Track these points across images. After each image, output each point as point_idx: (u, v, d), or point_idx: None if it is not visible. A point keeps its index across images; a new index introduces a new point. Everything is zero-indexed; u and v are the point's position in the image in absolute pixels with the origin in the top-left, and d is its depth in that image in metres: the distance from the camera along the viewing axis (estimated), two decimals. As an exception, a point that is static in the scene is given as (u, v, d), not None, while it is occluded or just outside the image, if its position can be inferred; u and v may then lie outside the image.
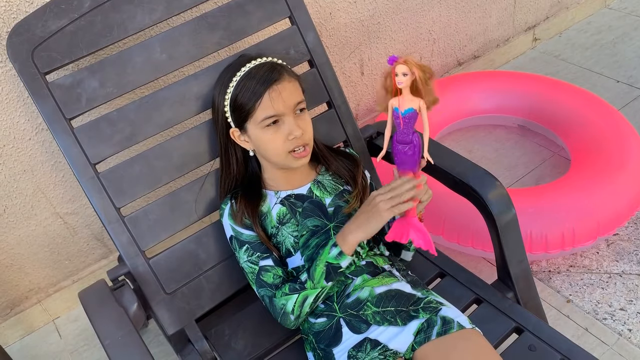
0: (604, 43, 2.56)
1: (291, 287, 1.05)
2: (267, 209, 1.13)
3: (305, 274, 1.04)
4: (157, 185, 1.18)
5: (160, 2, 1.18)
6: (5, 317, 1.65)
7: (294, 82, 1.08)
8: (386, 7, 1.95)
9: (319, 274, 1.03)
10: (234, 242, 1.12)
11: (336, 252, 1.02)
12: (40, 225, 1.56)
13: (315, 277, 1.03)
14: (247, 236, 1.11)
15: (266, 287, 1.08)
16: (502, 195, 1.18)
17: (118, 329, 0.99)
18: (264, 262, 1.09)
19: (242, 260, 1.11)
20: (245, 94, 1.05)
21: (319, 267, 1.03)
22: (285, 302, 1.05)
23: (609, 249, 1.67)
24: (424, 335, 1.01)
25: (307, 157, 1.11)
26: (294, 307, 1.04)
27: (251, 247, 1.10)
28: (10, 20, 1.25)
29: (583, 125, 1.84)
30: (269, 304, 1.08)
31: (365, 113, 2.15)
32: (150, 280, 1.16)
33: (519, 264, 1.22)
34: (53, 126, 1.10)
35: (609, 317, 1.49)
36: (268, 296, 1.08)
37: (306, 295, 1.04)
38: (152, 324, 1.63)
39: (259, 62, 1.08)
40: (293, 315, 1.05)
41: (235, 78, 1.08)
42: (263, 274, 1.08)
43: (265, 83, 1.04)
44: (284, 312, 1.05)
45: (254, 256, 1.10)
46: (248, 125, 1.08)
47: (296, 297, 1.04)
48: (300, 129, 1.06)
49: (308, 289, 1.04)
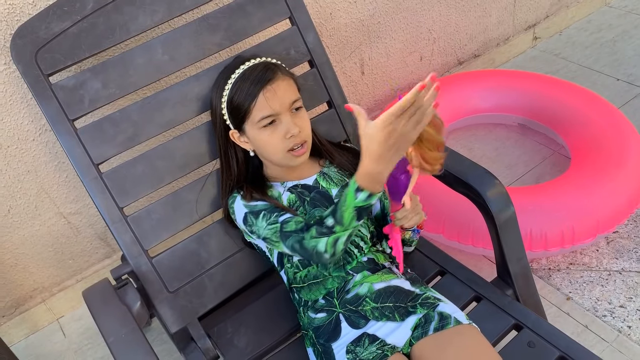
0: (604, 41, 2.56)
1: (318, 230, 0.98)
2: (278, 194, 1.13)
3: (331, 218, 0.96)
4: (160, 185, 1.19)
5: (161, 4, 1.19)
6: (10, 316, 1.66)
7: (288, 81, 1.09)
8: (386, 6, 1.96)
9: (349, 218, 0.94)
10: (250, 218, 1.09)
11: (364, 195, 0.91)
12: (44, 225, 1.58)
13: (345, 221, 0.95)
14: (262, 205, 1.09)
15: (292, 234, 1.02)
16: (501, 193, 1.19)
17: (122, 327, 1.00)
18: (283, 217, 1.05)
19: (262, 229, 1.07)
20: (241, 95, 1.06)
21: (347, 212, 0.93)
22: (315, 243, 0.98)
23: (608, 246, 1.68)
24: (422, 331, 1.02)
25: (306, 154, 1.12)
26: (326, 247, 0.97)
27: (267, 212, 1.07)
28: (13, 23, 1.26)
29: (583, 124, 1.85)
30: (299, 250, 1.01)
31: (366, 112, 2.14)
32: (153, 279, 1.17)
33: (518, 261, 1.23)
34: (56, 127, 1.12)
35: (609, 314, 1.50)
36: (297, 241, 1.01)
37: (337, 237, 0.97)
38: (155, 322, 1.65)
39: (252, 63, 1.09)
40: (327, 254, 0.98)
41: (231, 80, 1.09)
42: (285, 226, 1.04)
43: (260, 83, 1.05)
44: (316, 252, 0.99)
45: (273, 217, 1.06)
46: (246, 127, 1.09)
47: (326, 239, 0.97)
48: (297, 127, 1.07)
49: (338, 232, 0.96)
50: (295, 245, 1.02)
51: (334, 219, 0.96)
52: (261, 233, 1.08)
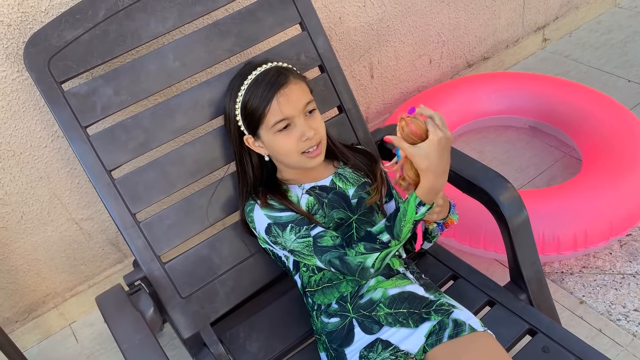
0: (614, 42, 2.55)
1: (368, 247, 1.01)
2: (297, 199, 1.13)
3: (386, 234, 1.00)
4: (172, 191, 1.19)
5: (172, 11, 1.20)
6: (23, 321, 1.67)
7: (300, 84, 1.09)
8: (395, 10, 1.96)
9: (407, 232, 1.00)
10: (274, 229, 1.09)
11: (425, 209, 0.98)
12: (56, 230, 1.59)
13: (402, 236, 1.00)
14: (288, 217, 1.09)
15: (330, 250, 1.04)
16: (514, 197, 1.18)
17: (136, 333, 1.01)
18: (315, 231, 1.06)
19: (289, 242, 1.07)
20: (255, 100, 1.07)
21: (406, 226, 0.99)
22: (363, 259, 1.01)
23: (622, 249, 1.66)
24: (436, 338, 1.02)
25: (322, 155, 1.12)
26: (375, 263, 1.01)
27: (296, 225, 1.07)
28: (26, 31, 1.27)
29: (594, 126, 1.84)
30: (340, 265, 1.03)
31: (375, 116, 2.16)
32: (165, 285, 1.17)
33: (532, 265, 1.23)
34: (69, 134, 1.12)
35: (623, 318, 1.48)
36: (337, 257, 1.03)
37: (389, 251, 1.02)
38: (167, 328, 1.65)
39: (264, 69, 1.09)
40: (373, 269, 1.02)
41: (243, 87, 1.09)
42: (320, 240, 1.05)
43: (273, 88, 1.05)
44: (362, 268, 1.01)
45: (302, 230, 1.06)
46: (260, 132, 1.09)
47: (377, 254, 1.01)
48: (312, 129, 1.08)
49: (392, 247, 1.01)
50: (334, 260, 1.04)
51: (390, 234, 1.01)
52: (288, 245, 1.08)
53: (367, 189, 1.17)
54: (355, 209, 1.14)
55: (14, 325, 1.66)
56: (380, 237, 1.01)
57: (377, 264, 1.02)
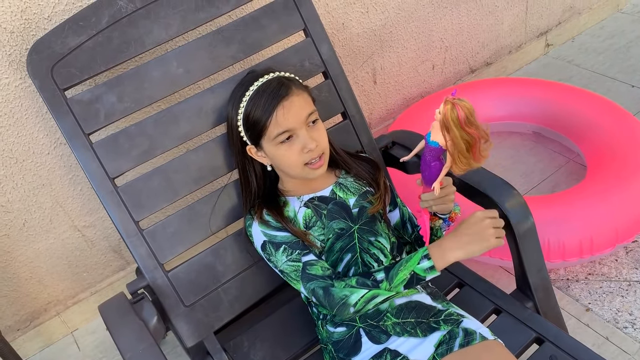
0: (617, 47, 2.54)
1: (360, 281, 1.01)
2: (293, 213, 1.12)
3: (382, 273, 1.01)
4: (175, 198, 1.19)
5: (176, 17, 1.19)
6: (24, 329, 1.66)
7: (303, 95, 1.08)
8: (398, 16, 1.95)
9: (400, 279, 0.99)
10: (269, 247, 1.09)
11: (428, 265, 0.98)
12: (58, 238, 1.58)
13: (395, 281, 0.99)
14: (282, 237, 1.09)
15: (317, 279, 1.04)
16: (520, 204, 1.18)
17: (139, 343, 1.00)
18: (307, 257, 1.06)
19: (280, 262, 1.08)
20: (257, 112, 1.05)
21: (403, 272, 0.99)
22: (349, 293, 1.00)
23: (627, 256, 1.65)
24: (446, 347, 1.00)
25: (324, 166, 1.11)
26: (359, 301, 1.00)
27: (289, 247, 1.07)
28: (29, 38, 1.27)
29: (598, 131, 1.83)
30: (323, 295, 1.03)
31: (378, 122, 2.15)
32: (169, 293, 1.16)
33: (538, 273, 1.22)
34: (72, 141, 1.12)
35: (630, 326, 1.47)
36: (321, 287, 1.03)
37: (377, 294, 1.00)
38: (170, 336, 1.64)
39: (266, 79, 1.08)
40: (354, 308, 1.00)
41: (245, 97, 1.08)
42: (309, 268, 1.05)
43: (274, 100, 1.04)
44: (344, 303, 1.00)
45: (294, 254, 1.07)
46: (263, 142, 1.08)
47: (365, 292, 1.00)
48: (314, 141, 1.06)
49: (382, 289, 1.00)
50: (317, 290, 1.03)
51: (386, 274, 1.01)
52: (279, 265, 1.09)
53: (368, 198, 1.16)
54: (357, 218, 1.13)
55: (16, 334, 1.65)
56: (375, 275, 1.02)
57: (360, 303, 1.00)
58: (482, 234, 0.97)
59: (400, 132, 1.43)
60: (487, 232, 0.97)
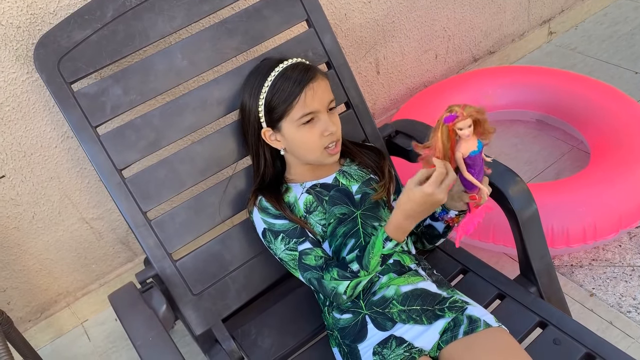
0: (621, 34, 2.53)
1: (340, 273, 1.04)
2: (294, 199, 1.15)
3: (356, 264, 1.04)
4: (182, 189, 1.20)
5: (180, 10, 1.20)
6: (36, 321, 1.69)
7: (325, 81, 1.12)
8: (400, 5, 1.95)
9: (374, 264, 1.03)
10: (268, 235, 1.13)
11: (392, 244, 1.01)
12: (67, 230, 1.60)
13: (370, 267, 1.02)
14: (280, 225, 1.11)
15: (311, 269, 1.08)
16: (523, 190, 1.18)
17: (149, 330, 1.02)
18: (302, 246, 1.09)
19: (279, 250, 1.12)
20: (282, 94, 1.08)
21: (373, 259, 1.02)
22: (335, 285, 1.04)
23: (631, 241, 1.66)
24: (451, 334, 1.02)
25: (339, 152, 1.14)
26: (347, 290, 1.04)
27: (286, 235, 1.10)
28: (35, 32, 1.28)
29: (602, 118, 1.83)
30: (317, 286, 1.08)
31: (382, 112, 2.16)
32: (177, 282, 1.18)
33: (541, 258, 1.23)
34: (80, 134, 1.13)
35: (634, 310, 1.48)
36: (315, 278, 1.07)
37: (359, 281, 1.04)
38: (178, 325, 1.66)
39: (291, 63, 1.11)
40: (346, 295, 1.05)
41: (268, 81, 1.10)
42: (304, 258, 1.09)
43: (303, 82, 1.07)
44: (335, 294, 1.05)
45: (291, 243, 1.10)
46: (283, 124, 1.10)
47: (348, 282, 1.04)
48: (334, 125, 1.10)
49: (362, 276, 1.04)
50: (313, 280, 1.08)
51: (359, 265, 1.03)
52: (278, 254, 1.12)
53: (372, 185, 1.17)
54: (359, 203, 1.15)
55: (27, 325, 1.68)
56: (351, 266, 1.04)
57: (349, 291, 1.05)
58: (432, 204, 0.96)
59: (404, 121, 1.44)
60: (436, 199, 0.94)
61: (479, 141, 0.95)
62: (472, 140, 0.95)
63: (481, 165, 0.98)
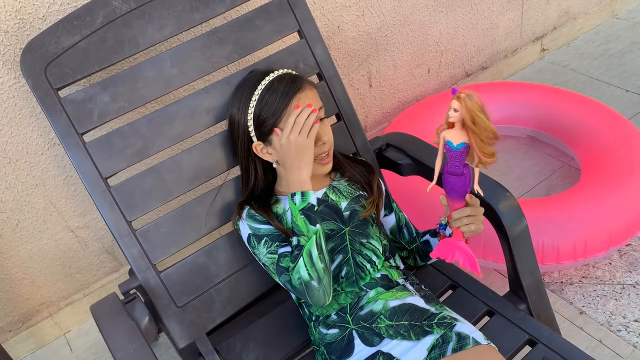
0: (612, 53, 2.55)
1: (291, 258, 1.03)
2: (283, 210, 1.13)
3: (294, 238, 1.03)
4: (169, 199, 1.18)
5: (170, 18, 1.19)
6: (16, 331, 1.65)
7: (314, 90, 1.11)
8: (393, 19, 1.96)
9: (303, 224, 1.01)
10: (253, 240, 1.11)
11: (299, 197, 1.02)
12: (51, 239, 1.57)
13: (302, 229, 1.01)
14: (265, 230, 1.10)
15: (284, 272, 1.05)
16: (513, 206, 1.18)
17: (130, 343, 0.99)
18: (283, 249, 1.07)
19: (262, 255, 1.09)
20: (271, 106, 1.06)
21: (298, 220, 1.02)
22: (298, 274, 1.01)
23: (621, 259, 1.65)
24: (439, 351, 1.00)
25: (331, 163, 1.13)
26: (308, 271, 1.00)
27: (269, 239, 1.08)
28: (23, 37, 1.27)
29: (593, 135, 1.84)
30: (291, 288, 1.04)
31: (374, 125, 2.15)
32: (161, 294, 1.16)
33: (531, 275, 1.22)
34: (65, 141, 1.11)
35: (623, 329, 1.47)
36: (288, 281, 1.04)
37: (308, 250, 1.00)
38: (162, 337, 1.63)
39: (278, 75, 1.09)
40: (315, 281, 1.00)
41: (256, 94, 1.08)
42: (282, 260, 1.06)
43: (290, 93, 1.06)
44: (306, 286, 1.00)
45: (273, 246, 1.08)
46: (273, 137, 1.08)
47: (301, 260, 1.00)
48: (326, 134, 1.09)
49: (305, 244, 1.01)
50: (287, 285, 1.05)
51: (295, 235, 1.02)
52: (261, 258, 1.10)
53: (361, 202, 1.16)
54: (347, 220, 1.13)
55: (8, 335, 1.64)
56: (292, 243, 1.04)
57: (311, 272, 1.00)
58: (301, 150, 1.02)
59: (394, 134, 1.43)
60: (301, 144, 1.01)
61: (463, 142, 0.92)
62: (457, 133, 0.92)
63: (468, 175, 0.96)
